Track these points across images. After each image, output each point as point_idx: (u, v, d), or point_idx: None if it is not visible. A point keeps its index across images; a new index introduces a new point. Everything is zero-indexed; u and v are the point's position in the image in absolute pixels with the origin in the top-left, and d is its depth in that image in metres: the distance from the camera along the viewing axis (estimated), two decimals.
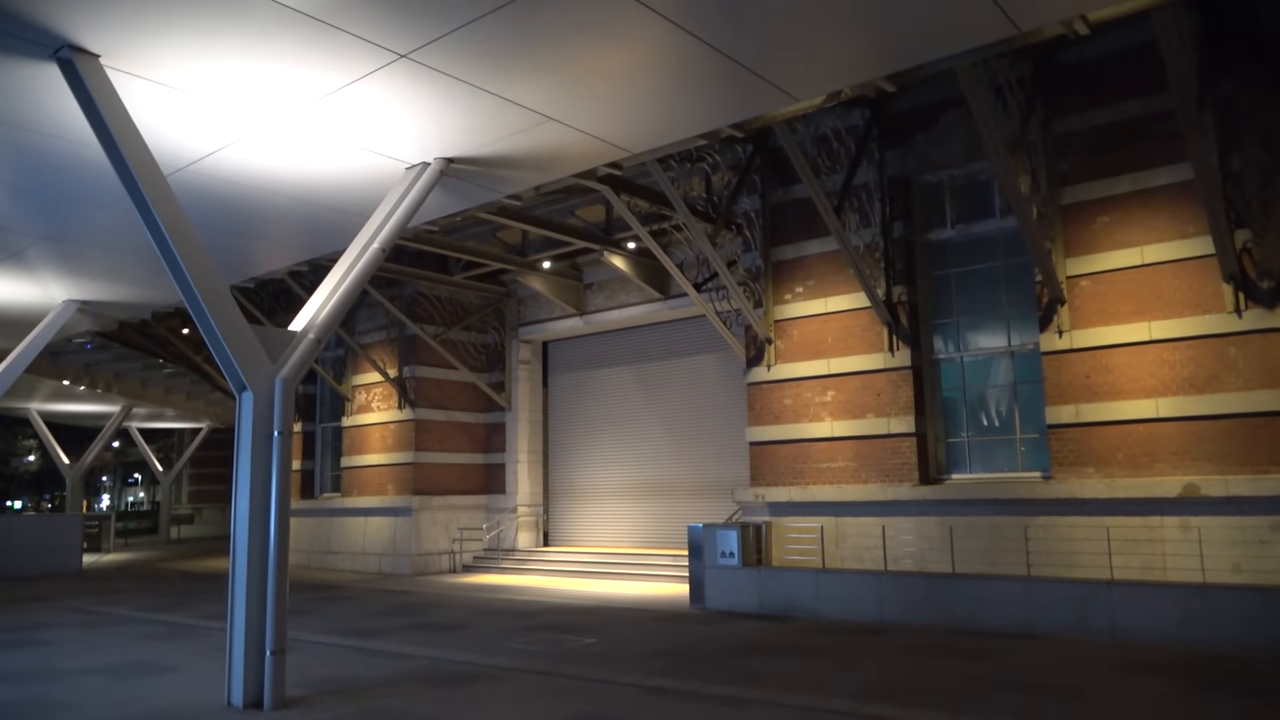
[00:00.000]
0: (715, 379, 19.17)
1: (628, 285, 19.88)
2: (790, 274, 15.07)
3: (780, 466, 14.81)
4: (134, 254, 13.42)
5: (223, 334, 7.91)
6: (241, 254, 13.88)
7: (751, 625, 11.92)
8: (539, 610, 13.80)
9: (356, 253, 9.11)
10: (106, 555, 28.32)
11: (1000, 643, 10.22)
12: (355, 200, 10.99)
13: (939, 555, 12.84)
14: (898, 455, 13.61)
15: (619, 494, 20.82)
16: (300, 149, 9.55)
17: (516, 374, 21.99)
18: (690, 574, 13.80)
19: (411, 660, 9.90)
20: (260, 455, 8.02)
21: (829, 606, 12.33)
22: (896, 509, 13.39)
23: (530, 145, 9.49)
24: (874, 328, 14.04)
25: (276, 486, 7.99)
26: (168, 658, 10.38)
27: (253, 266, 14.99)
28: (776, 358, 15.05)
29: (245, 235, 12.68)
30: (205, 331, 8.07)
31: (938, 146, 13.75)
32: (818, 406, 14.50)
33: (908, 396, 13.63)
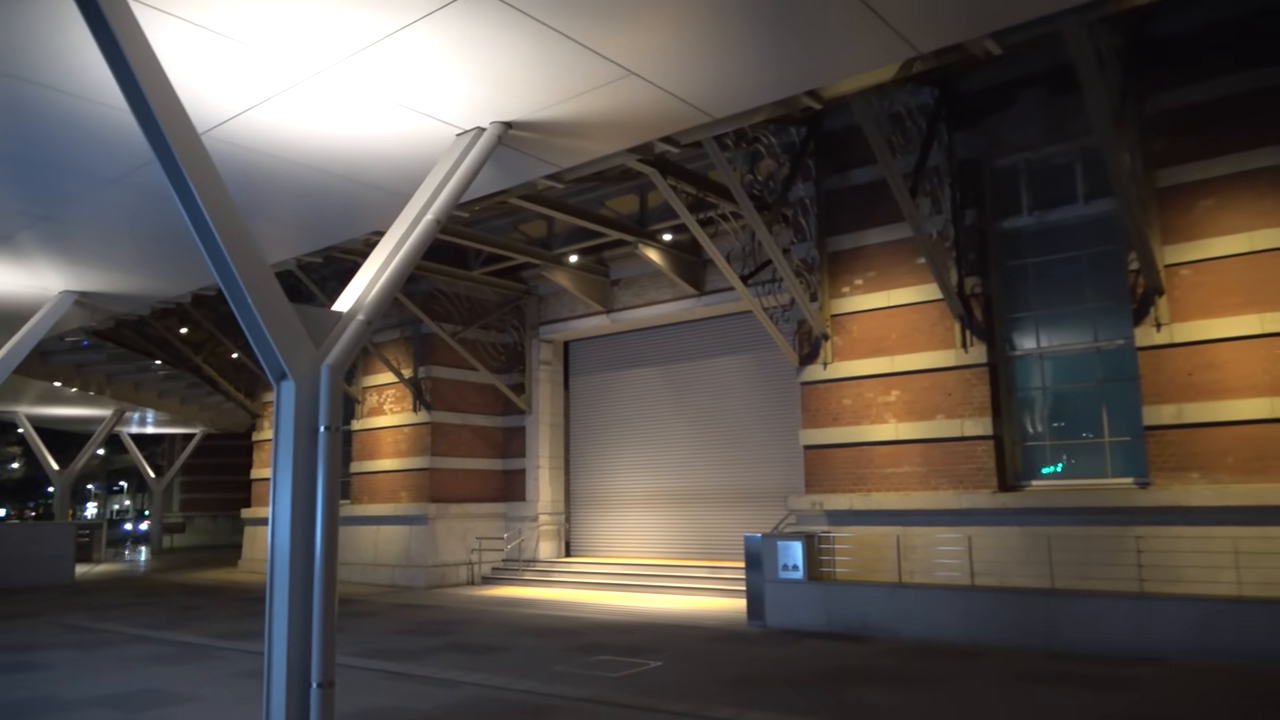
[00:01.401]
0: (754, 380, 18.09)
1: (659, 281, 18.80)
2: (848, 265, 14.02)
3: (839, 472, 13.73)
4: (139, 238, 12.23)
5: (261, 313, 6.77)
6: None
7: (825, 647, 10.81)
8: (581, 628, 12.65)
9: (408, 224, 7.97)
10: (98, 566, 26.97)
11: (1118, 669, 9.15)
12: (393, 173, 9.85)
13: (1022, 569, 11.77)
14: (972, 460, 12.55)
15: (646, 502, 19.69)
16: (338, 109, 8.39)
17: (537, 375, 20.86)
18: (748, 588, 12.68)
19: (461, 689, 8.75)
20: (304, 454, 6.84)
21: (908, 625, 11.24)
22: (972, 518, 12.33)
23: (601, 106, 8.37)
24: (943, 322, 12.99)
25: (323, 490, 6.82)
26: (180, 685, 9.19)
27: (264, 253, 13.82)
28: (833, 355, 13.98)
29: (259, 216, 11.48)
30: (241, 311, 6.92)
31: (1014, 128, 12.74)
32: (880, 407, 13.44)
33: (983, 396, 12.58)
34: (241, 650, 11.26)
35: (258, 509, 23.93)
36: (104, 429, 33.37)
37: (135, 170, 9.64)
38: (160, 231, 11.89)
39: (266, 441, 24.21)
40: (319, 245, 13.23)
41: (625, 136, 9.47)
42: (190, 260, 13.14)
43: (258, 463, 24.40)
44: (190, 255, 12.81)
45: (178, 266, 13.74)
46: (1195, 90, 11.33)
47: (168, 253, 12.81)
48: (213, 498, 46.85)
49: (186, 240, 12.00)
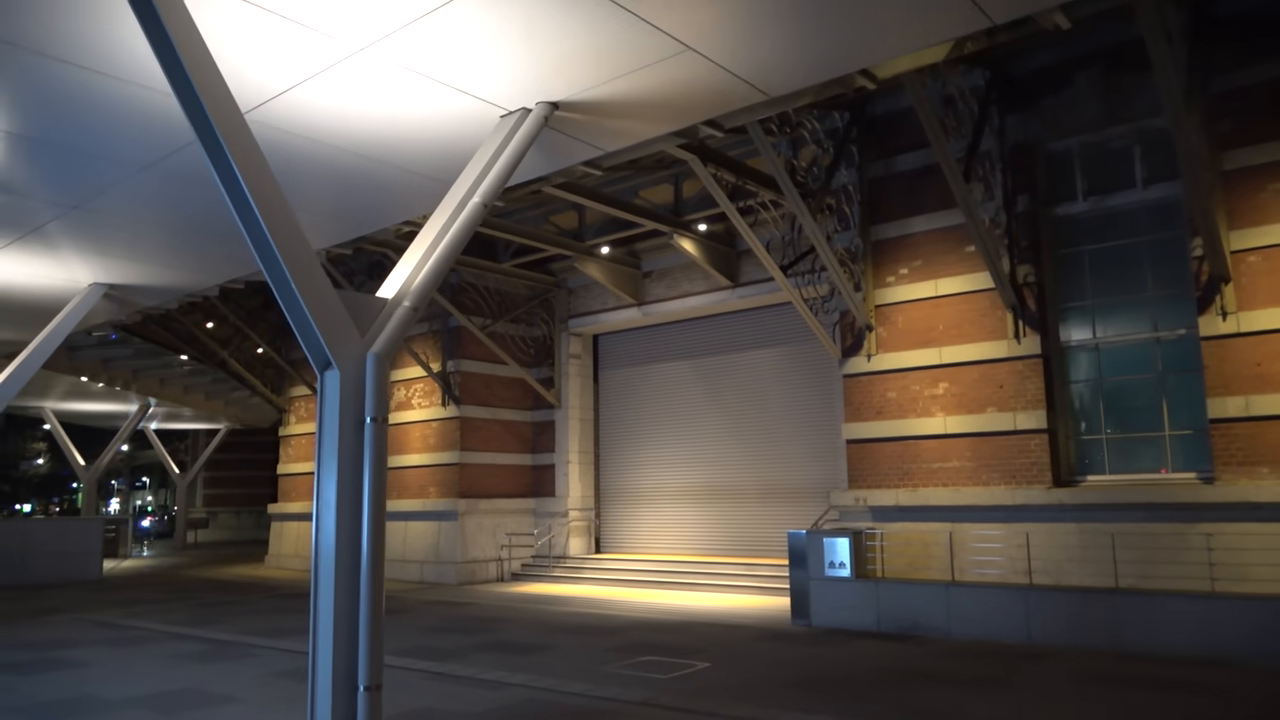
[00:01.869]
0: (791, 374, 17.71)
1: (691, 273, 18.45)
2: (893, 254, 13.62)
3: (883, 467, 13.34)
4: (170, 228, 11.98)
5: (306, 299, 6.48)
6: None
7: (878, 647, 10.44)
8: (621, 626, 12.34)
9: (453, 208, 7.66)
10: (125, 561, 26.93)
11: (1190, 671, 8.74)
12: (433, 158, 9.54)
13: (1078, 567, 11.36)
14: (1025, 454, 12.14)
15: (678, 498, 19.35)
16: (380, 89, 8.08)
17: (566, 369, 20.55)
18: (792, 586, 12.32)
19: (508, 690, 8.45)
20: (349, 446, 6.55)
21: (963, 625, 10.85)
22: (1026, 514, 11.92)
23: (652, 84, 8.02)
24: (994, 312, 12.58)
25: (370, 484, 6.52)
26: (216, 684, 8.94)
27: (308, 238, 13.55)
28: (878, 346, 13.59)
29: (293, 203, 11.22)
30: (284, 297, 6.63)
31: (1068, 110, 12.30)
32: (927, 400, 13.04)
33: (1036, 388, 12.16)
34: (276, 649, 11.03)
35: (285, 504, 23.79)
36: (130, 423, 33.38)
37: (169, 156, 9.39)
38: (191, 221, 11.65)
39: (294, 436, 24.07)
40: (352, 235, 12.94)
41: (674, 117, 9.11)
42: (220, 251, 12.91)
43: (285, 458, 24.25)
44: (220, 246, 12.57)
45: (208, 258, 13.51)
46: (1263, 70, 10.86)
47: (198, 243, 12.56)
48: (237, 493, 46.96)
49: (217, 230, 11.77)
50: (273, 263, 6.61)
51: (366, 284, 19.51)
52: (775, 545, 17.34)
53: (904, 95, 13.64)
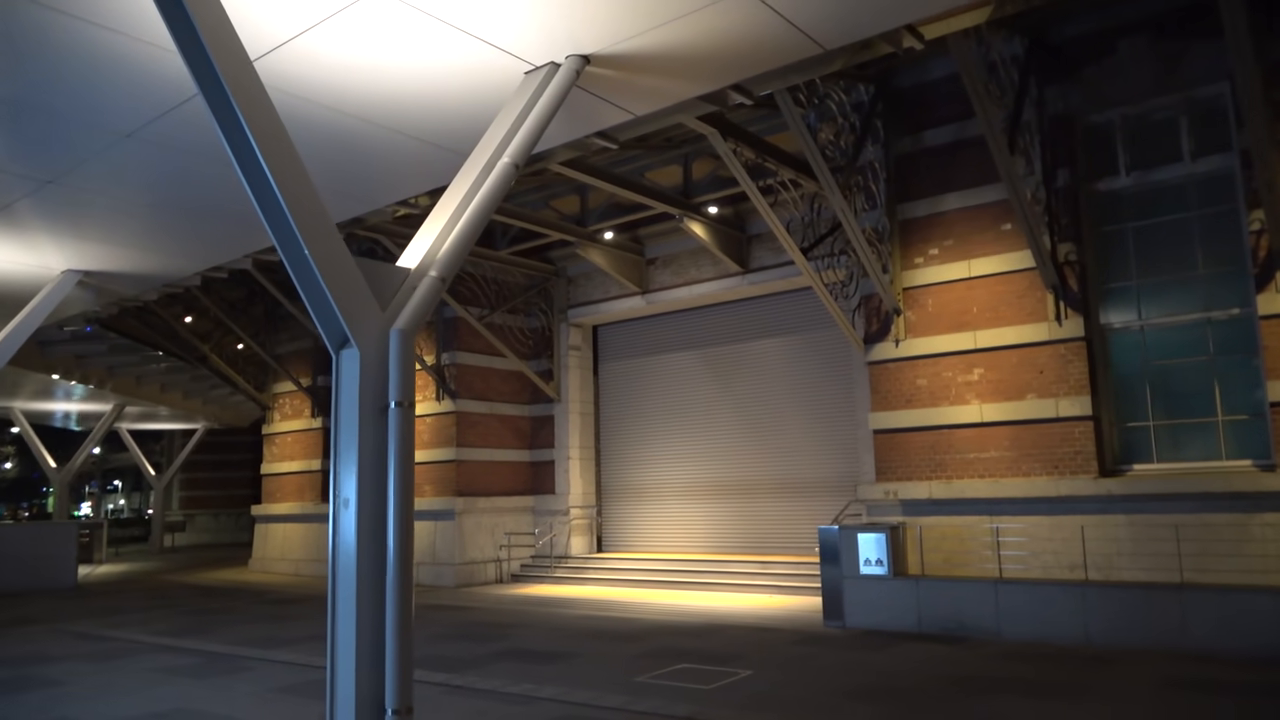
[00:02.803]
0: (805, 363, 16.99)
1: (699, 259, 17.70)
2: (922, 234, 12.93)
3: (914, 458, 12.65)
4: (152, 207, 11.05)
5: (321, 267, 5.66)
6: (256, 214, 11.51)
7: (927, 651, 9.74)
8: (643, 631, 11.56)
9: (480, 168, 6.83)
10: (100, 567, 25.80)
11: (1274, 674, 8.10)
12: (446, 124, 8.68)
13: (1130, 561, 10.72)
14: (1069, 442, 11.49)
15: (684, 494, 18.60)
16: (393, 37, 7.24)
17: (566, 361, 19.73)
18: (824, 585, 11.60)
19: (539, 706, 7.65)
20: (370, 436, 5.72)
21: (1014, 625, 10.17)
22: (1071, 506, 11.26)
23: (699, 35, 7.22)
24: (1033, 293, 11.92)
25: (396, 478, 5.69)
26: (211, 703, 8.09)
27: (266, 233, 12.53)
28: (906, 331, 12.89)
29: None
30: (295, 264, 5.79)
31: (1111, 80, 11.65)
32: (961, 387, 12.36)
33: (1080, 373, 11.51)
34: (273, 661, 10.16)
35: (270, 505, 22.80)
36: (104, 423, 32.16)
37: (155, 120, 8.48)
38: (176, 198, 10.72)
39: (279, 434, 23.07)
40: (351, 213, 12.04)
41: (716, 74, 8.31)
42: (206, 234, 11.98)
43: (269, 457, 23.26)
44: (206, 228, 11.65)
45: (192, 241, 12.56)
46: None
47: (182, 224, 11.61)
48: (215, 495, 45.70)
49: (204, 209, 10.84)
50: (283, 226, 5.76)
51: None
52: (791, 542, 16.65)
53: (932, 67, 13.01)
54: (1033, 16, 11.33)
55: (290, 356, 22.55)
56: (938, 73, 12.93)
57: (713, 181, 16.02)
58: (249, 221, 11.64)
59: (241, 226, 11.85)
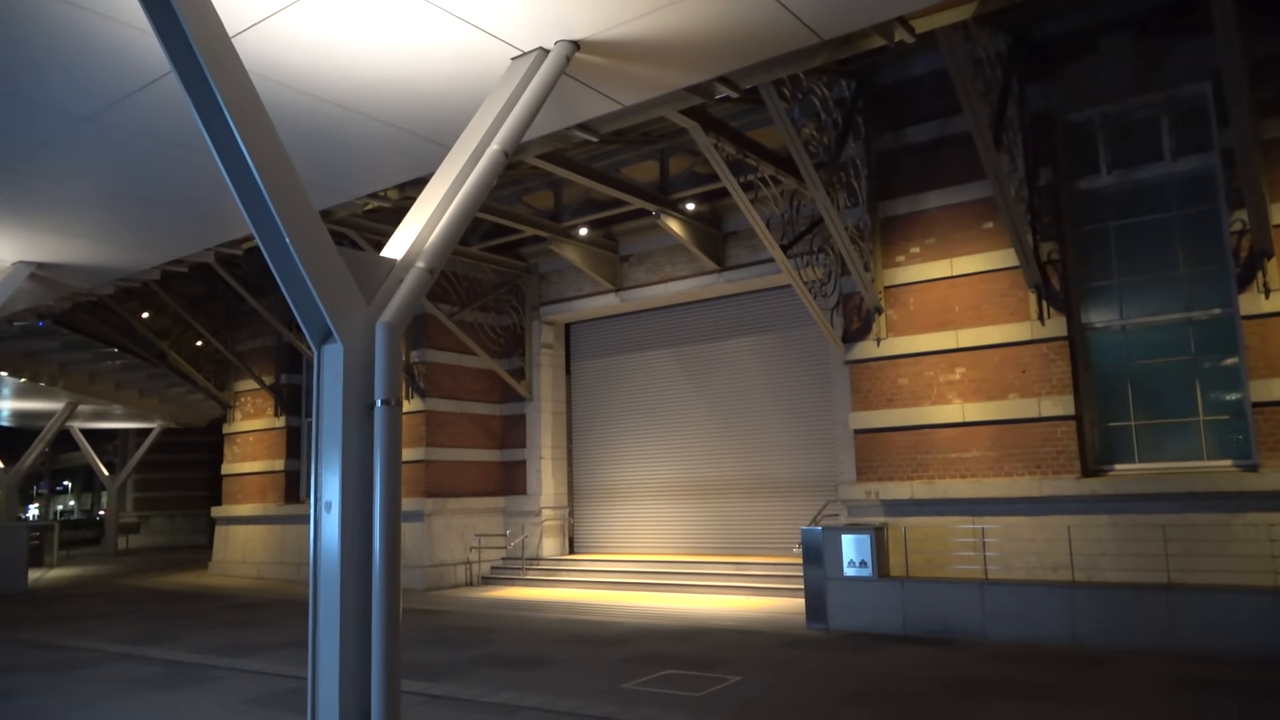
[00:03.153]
0: (782, 362, 16.85)
1: (675, 256, 17.49)
2: (903, 232, 12.83)
3: (896, 458, 12.55)
4: (110, 196, 10.54)
5: (302, 256, 5.33)
6: (220, 205, 11.03)
7: (915, 654, 9.61)
8: (624, 635, 11.31)
9: (468, 155, 6.52)
10: (51, 571, 24.94)
11: (1268, 674, 8.08)
12: (429, 111, 8.33)
13: (1113, 561, 10.70)
14: (1051, 442, 11.45)
15: (658, 494, 18.38)
16: (375, 18, 6.92)
17: (538, 359, 19.40)
18: (807, 587, 11.44)
19: (524, 715, 7.37)
20: (355, 436, 5.41)
21: (1000, 627, 10.09)
22: (1054, 506, 11.23)
23: (691, 21, 6.97)
24: (1015, 292, 11.87)
25: (382, 481, 5.39)
26: (180, 717, 7.69)
27: (230, 224, 11.95)
28: (888, 330, 12.79)
29: None
30: (274, 252, 5.46)
31: (1093, 78, 11.63)
32: (943, 386, 12.29)
33: (1063, 372, 11.48)
34: (242, 670, 9.75)
35: (231, 507, 22.17)
36: (55, 422, 31.16)
37: (118, 103, 8.06)
38: (136, 187, 10.25)
39: (240, 434, 22.44)
40: (325, 204, 11.48)
41: (709, 63, 8.07)
42: (167, 224, 11.48)
43: (230, 456, 22.61)
44: (168, 218, 11.16)
45: (151, 232, 12.04)
46: None
47: (142, 214, 11.10)
48: (170, 496, 44.58)
49: (164, 199, 10.35)
50: (261, 211, 5.44)
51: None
52: (766, 543, 16.51)
53: (914, 64, 12.93)
54: (1016, 13, 11.26)
55: (253, 354, 21.96)
56: (920, 69, 12.85)
57: (690, 178, 15.83)
58: (213, 212, 11.20)
59: (205, 218, 11.39)
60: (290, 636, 11.97)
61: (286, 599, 16.63)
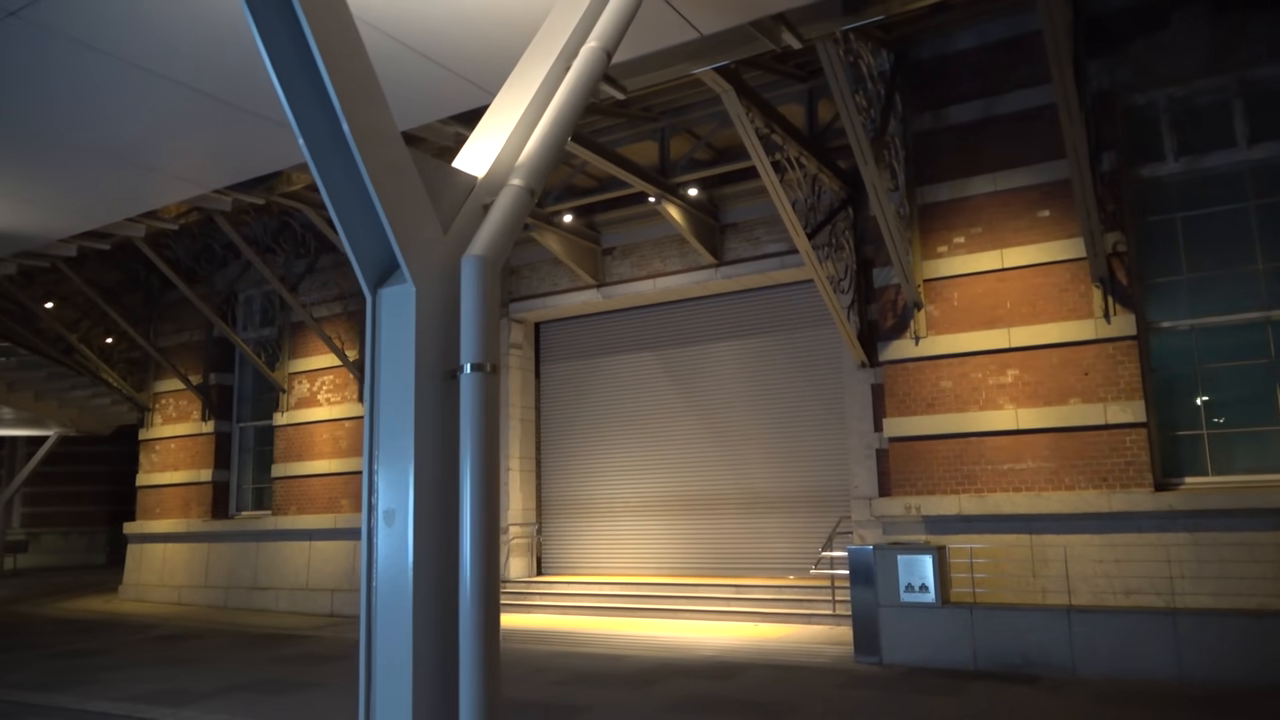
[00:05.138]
0: (785, 367, 15.49)
1: (664, 250, 16.03)
2: (945, 220, 11.66)
3: (938, 469, 11.31)
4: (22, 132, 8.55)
5: (362, 148, 3.69)
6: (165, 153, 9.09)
7: (1001, 694, 8.28)
8: (644, 672, 9.69)
9: (554, 56, 4.93)
10: None
11: None
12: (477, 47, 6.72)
13: (1194, 584, 9.62)
14: (1118, 452, 10.36)
15: (638, 510, 16.79)
16: None
17: (506, 361, 17.63)
18: (855, 614, 10.04)
19: None
20: (431, 417, 3.77)
21: (1091, 661, 8.85)
22: (1126, 523, 10.11)
23: None
24: (1075, 287, 10.79)
25: (474, 478, 3.75)
26: None
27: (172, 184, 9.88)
28: (928, 328, 11.57)
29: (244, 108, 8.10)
30: (318, 140, 3.80)
31: (1163, 56, 10.68)
32: (993, 390, 11.11)
33: (1131, 375, 10.42)
34: None
35: (147, 523, 19.62)
36: None
37: None
38: (60, 123, 8.23)
39: (160, 440, 19.94)
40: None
41: None
42: (94, 179, 9.41)
43: (148, 465, 20.06)
44: (95, 170, 9.11)
45: (74, 188, 9.91)
46: None
47: (62, 163, 9.02)
48: (64, 511, 40.62)
49: (96, 142, 8.36)
50: (311, 88, 3.80)
51: (281, 254, 16.08)
52: (764, 563, 15.10)
53: (957, 37, 11.83)
54: None
55: (177, 350, 19.57)
56: (963, 43, 11.76)
57: (688, 164, 14.43)
58: (154, 163, 9.25)
59: (144, 173, 9.40)
60: (236, 677, 9.98)
61: (216, 629, 14.44)
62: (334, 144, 3.76)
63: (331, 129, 3.72)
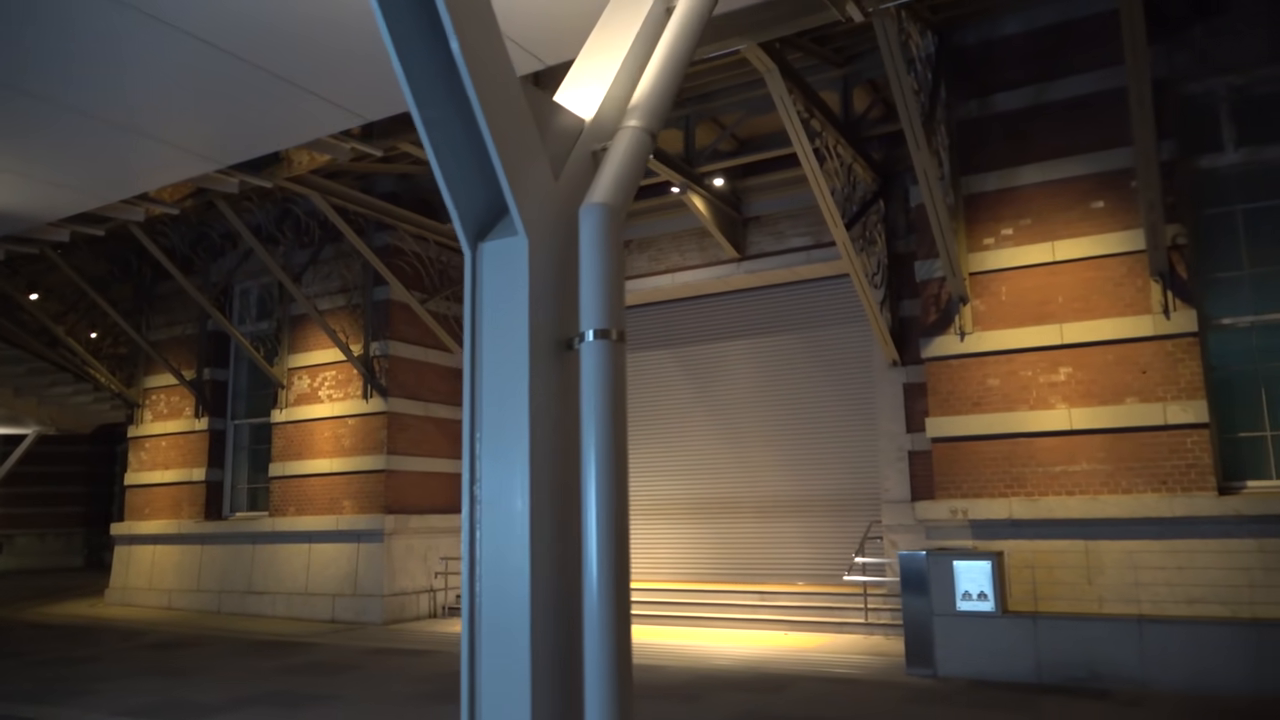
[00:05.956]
0: (812, 365, 14.95)
1: (682, 244, 15.48)
2: (992, 211, 11.17)
3: (985, 471, 10.79)
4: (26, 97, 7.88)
5: (482, 96, 3.10)
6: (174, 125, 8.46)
7: (1084, 710, 7.75)
8: (686, 684, 9.08)
9: None
10: None
11: None
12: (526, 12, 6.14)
13: (1265, 594, 9.13)
14: (1179, 454, 9.88)
15: (651, 513, 16.18)
16: None
17: None
18: (907, 623, 9.50)
19: None
20: (546, 389, 3.20)
21: (1164, 674, 8.36)
22: (1188, 528, 9.62)
23: None
24: (1132, 281, 10.32)
25: (600, 465, 3.16)
26: None
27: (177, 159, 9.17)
28: (974, 323, 11.07)
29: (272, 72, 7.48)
30: (423, 99, 3.21)
31: (1222, 43, 10.25)
32: (1044, 388, 10.61)
33: (1192, 374, 9.95)
34: None
35: (135, 523, 18.79)
36: None
37: None
38: (62, 79, 7.60)
39: (150, 438, 19.13)
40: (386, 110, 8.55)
41: None
42: (97, 143, 8.72)
43: (136, 464, 19.22)
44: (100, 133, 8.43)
45: (73, 156, 9.23)
46: None
47: (61, 127, 8.33)
48: (40, 512, 39.45)
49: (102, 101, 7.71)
50: (410, 9, 3.22)
51: (283, 244, 15.32)
52: (789, 569, 14.55)
53: (1004, 22, 11.37)
54: None
55: (168, 344, 18.78)
56: (1011, 28, 11.30)
57: (712, 154, 13.90)
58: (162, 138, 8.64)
59: (149, 145, 8.74)
60: (242, 689, 9.28)
61: (211, 635, 13.70)
62: (439, 70, 3.20)
63: (437, 53, 3.16)
